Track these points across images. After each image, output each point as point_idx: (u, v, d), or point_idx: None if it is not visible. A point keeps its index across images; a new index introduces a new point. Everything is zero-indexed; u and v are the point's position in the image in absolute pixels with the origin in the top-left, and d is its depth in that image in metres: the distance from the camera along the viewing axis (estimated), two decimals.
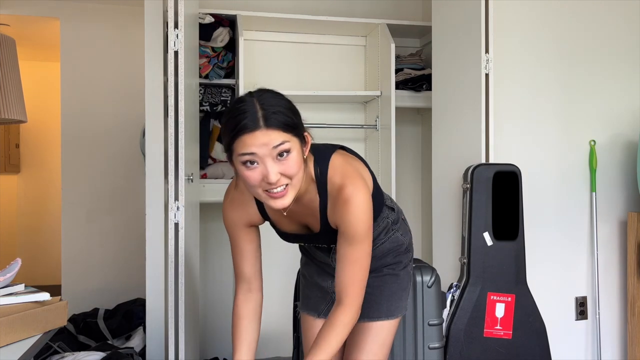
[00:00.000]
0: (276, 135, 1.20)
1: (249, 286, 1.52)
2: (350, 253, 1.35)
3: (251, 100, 1.23)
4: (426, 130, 3.38)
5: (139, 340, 2.97)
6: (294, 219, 1.46)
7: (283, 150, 1.22)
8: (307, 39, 3.32)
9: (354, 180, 1.34)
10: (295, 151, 1.24)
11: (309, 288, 1.71)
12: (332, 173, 1.36)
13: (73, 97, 3.82)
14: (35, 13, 3.76)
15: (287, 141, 1.22)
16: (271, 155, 1.21)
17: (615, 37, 2.77)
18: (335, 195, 1.35)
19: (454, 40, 2.66)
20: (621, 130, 2.77)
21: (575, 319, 2.70)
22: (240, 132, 1.20)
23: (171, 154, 2.24)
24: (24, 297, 1.59)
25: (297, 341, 2.13)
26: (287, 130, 1.22)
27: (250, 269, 1.51)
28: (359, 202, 1.31)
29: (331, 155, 1.38)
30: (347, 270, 1.36)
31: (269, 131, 1.20)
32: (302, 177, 1.28)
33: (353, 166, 1.39)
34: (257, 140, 1.20)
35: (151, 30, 2.63)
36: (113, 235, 3.87)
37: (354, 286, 1.36)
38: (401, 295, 1.59)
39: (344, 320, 1.35)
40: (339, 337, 1.35)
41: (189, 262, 2.32)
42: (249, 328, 1.50)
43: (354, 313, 1.37)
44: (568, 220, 2.70)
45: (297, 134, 1.25)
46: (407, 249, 1.62)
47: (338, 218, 1.35)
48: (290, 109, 1.26)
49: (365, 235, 1.34)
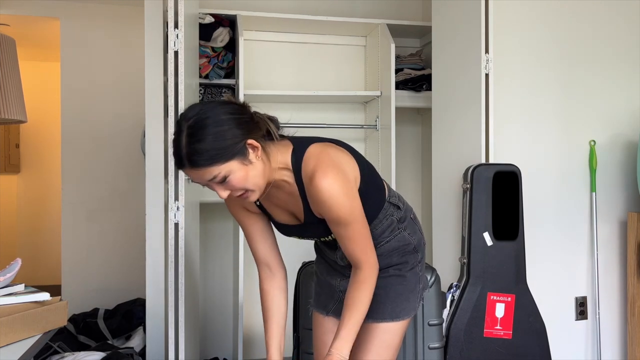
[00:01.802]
0: (203, 173, 1.28)
1: (269, 269, 1.59)
2: (344, 233, 1.40)
3: (181, 135, 1.28)
4: (426, 130, 3.38)
5: (139, 340, 2.97)
6: (282, 208, 1.50)
7: (219, 181, 1.29)
8: (307, 39, 3.32)
9: (324, 168, 1.35)
10: (235, 172, 1.29)
11: (320, 286, 1.73)
12: (305, 162, 1.38)
13: (73, 97, 3.82)
14: (35, 13, 3.76)
15: (217, 174, 1.28)
16: (212, 182, 1.30)
17: (615, 37, 2.76)
18: (307, 184, 1.38)
19: (454, 40, 2.66)
20: (621, 130, 2.77)
21: (575, 319, 2.70)
22: (175, 165, 1.33)
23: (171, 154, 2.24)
24: (24, 297, 1.59)
25: (297, 341, 2.13)
26: (213, 164, 1.27)
27: (263, 248, 1.57)
28: (329, 188, 1.33)
29: (309, 145, 1.42)
30: (350, 246, 1.42)
31: (194, 170, 1.28)
32: (257, 180, 1.34)
33: (329, 155, 1.40)
34: (191, 175, 1.30)
35: (151, 30, 2.63)
36: (113, 235, 3.87)
37: (362, 253, 1.42)
38: (408, 297, 1.56)
39: (365, 277, 1.42)
40: (367, 293, 1.42)
41: (189, 262, 2.32)
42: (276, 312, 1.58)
43: (372, 268, 1.43)
44: (568, 220, 2.70)
45: (231, 156, 1.28)
46: (415, 249, 1.59)
47: (317, 208, 1.39)
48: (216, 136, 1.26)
49: (349, 216, 1.37)
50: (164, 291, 2.64)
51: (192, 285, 2.43)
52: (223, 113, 1.30)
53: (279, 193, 1.45)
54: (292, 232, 1.55)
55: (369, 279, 1.43)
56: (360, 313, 1.41)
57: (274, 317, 1.57)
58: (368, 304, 1.42)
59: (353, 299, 1.42)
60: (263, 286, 1.59)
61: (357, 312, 1.41)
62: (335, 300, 1.66)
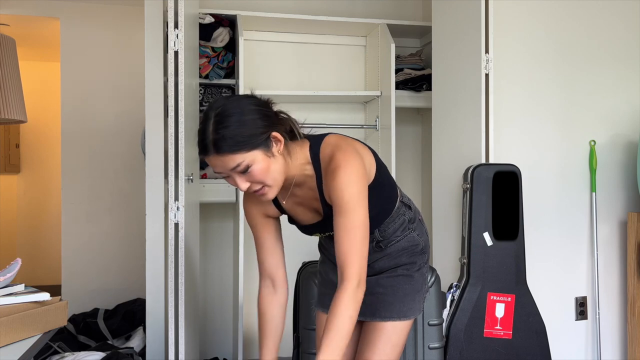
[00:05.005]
0: (228, 160, 1.28)
1: (272, 282, 1.57)
2: (344, 223, 1.33)
3: (208, 122, 1.29)
4: (426, 130, 3.38)
5: (139, 340, 2.97)
6: (305, 207, 1.50)
7: (242, 170, 1.30)
8: (307, 39, 3.32)
9: (343, 148, 1.38)
10: (257, 163, 1.30)
11: (323, 285, 1.73)
12: (323, 148, 1.41)
13: (73, 97, 3.82)
14: (35, 13, 3.76)
15: (242, 162, 1.28)
16: (235, 172, 1.31)
17: (615, 37, 2.76)
18: (325, 167, 1.39)
19: (454, 40, 2.66)
20: (621, 130, 2.77)
21: (575, 319, 2.70)
22: (200, 153, 1.32)
23: (171, 154, 2.25)
24: (24, 297, 1.59)
25: (297, 341, 2.13)
26: (239, 151, 1.28)
27: (271, 261, 1.56)
28: (347, 169, 1.33)
29: (325, 137, 1.44)
30: (343, 240, 1.33)
31: (220, 157, 1.28)
32: (277, 175, 1.34)
33: (346, 141, 1.43)
34: (215, 163, 1.31)
35: (151, 30, 2.63)
36: (113, 235, 3.87)
37: (353, 255, 1.32)
38: (414, 297, 1.59)
39: (344, 301, 1.29)
40: (346, 317, 1.29)
41: (189, 262, 2.32)
42: (273, 330, 1.57)
43: (355, 287, 1.30)
44: (568, 220, 2.70)
45: (255, 146, 1.29)
46: (423, 250, 1.62)
47: (329, 189, 1.37)
48: (242, 124, 1.28)
49: (356, 203, 1.33)
50: (164, 291, 2.64)
51: (192, 285, 2.43)
52: (250, 104, 1.33)
53: (301, 191, 1.47)
54: (316, 230, 1.55)
55: (350, 304, 1.29)
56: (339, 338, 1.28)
57: (271, 334, 1.56)
58: (349, 328, 1.29)
59: (331, 324, 1.29)
60: (263, 302, 1.57)
61: (336, 337, 1.28)
62: None
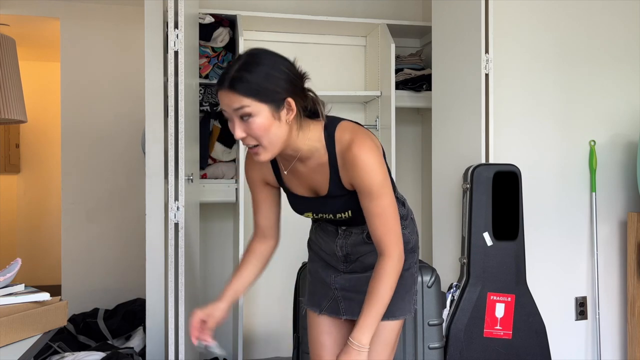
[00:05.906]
0: (235, 99, 1.29)
1: (263, 234, 1.61)
2: (374, 207, 1.40)
3: (238, 61, 1.31)
4: (426, 130, 3.38)
5: (139, 340, 2.97)
6: (303, 182, 1.51)
7: (243, 114, 1.29)
8: (307, 39, 3.32)
9: (363, 137, 1.39)
10: (260, 116, 1.30)
11: (313, 284, 1.72)
12: (340, 133, 1.42)
13: (73, 97, 3.82)
14: (35, 13, 3.76)
15: (246, 106, 1.28)
16: (236, 115, 1.31)
17: (615, 37, 2.77)
18: (344, 151, 1.40)
19: (454, 40, 2.66)
20: (621, 130, 2.77)
21: (575, 319, 2.70)
22: (217, 84, 1.33)
23: (171, 154, 2.25)
24: (24, 297, 1.59)
25: (297, 341, 2.13)
26: (249, 96, 1.28)
27: (265, 222, 1.60)
28: (368, 155, 1.37)
29: (341, 120, 1.46)
30: (376, 223, 1.42)
31: (229, 93, 1.29)
32: (275, 140, 1.34)
33: (362, 130, 1.45)
34: (223, 98, 1.31)
35: (151, 30, 2.63)
36: (113, 235, 3.87)
37: (389, 235, 1.41)
38: (403, 297, 1.58)
39: (387, 269, 1.41)
40: (388, 286, 1.41)
41: (189, 262, 2.32)
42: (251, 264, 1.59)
43: (396, 260, 1.42)
44: (568, 220, 2.70)
45: (268, 100, 1.30)
46: (412, 249, 1.62)
47: (352, 177, 1.40)
48: (266, 76, 1.29)
49: (381, 187, 1.39)
50: (164, 291, 2.64)
51: (192, 285, 2.43)
52: (282, 65, 1.34)
53: (303, 166, 1.47)
54: (309, 207, 1.55)
55: (392, 272, 1.42)
56: (380, 305, 1.40)
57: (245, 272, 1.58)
58: (389, 297, 1.41)
59: (374, 290, 1.41)
60: (251, 244, 1.62)
61: (377, 303, 1.40)
62: (330, 298, 1.65)
